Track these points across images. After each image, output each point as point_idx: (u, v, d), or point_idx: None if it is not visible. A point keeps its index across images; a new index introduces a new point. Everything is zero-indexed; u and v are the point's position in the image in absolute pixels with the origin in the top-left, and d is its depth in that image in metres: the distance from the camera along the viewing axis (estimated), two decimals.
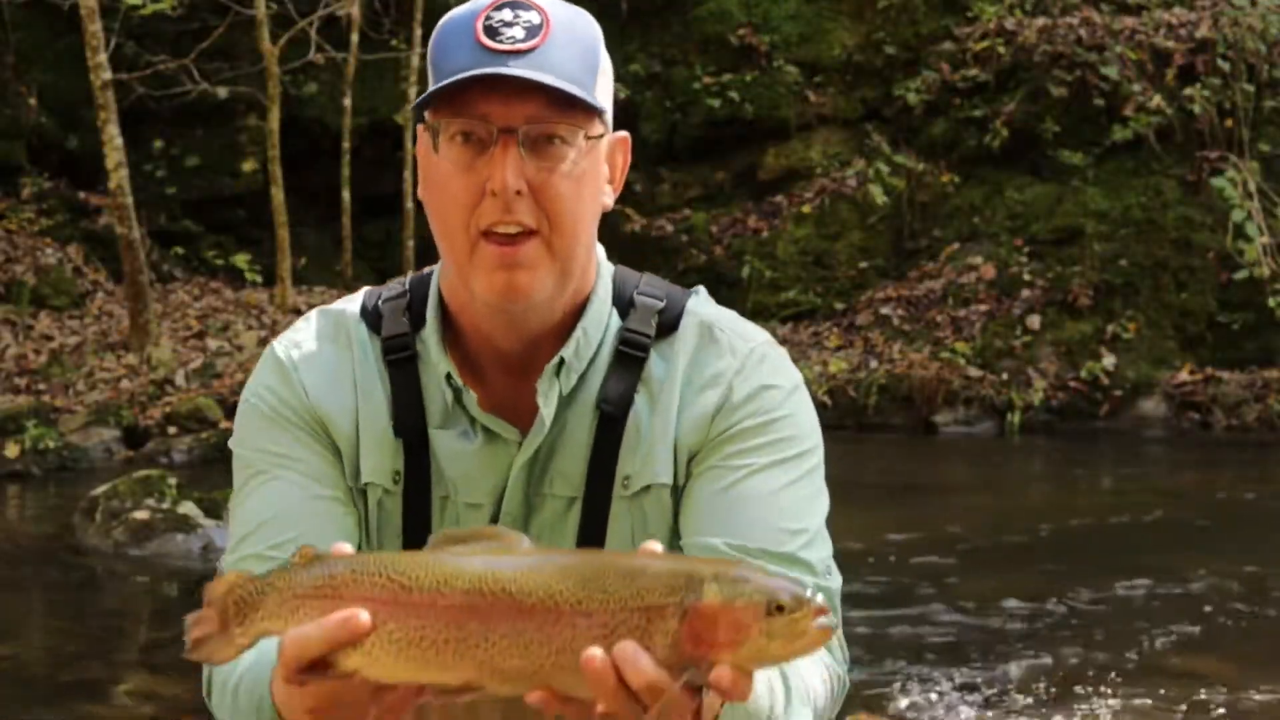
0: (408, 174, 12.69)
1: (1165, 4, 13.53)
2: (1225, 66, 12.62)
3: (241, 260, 13.32)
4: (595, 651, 1.34)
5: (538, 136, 1.68)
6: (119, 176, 11.07)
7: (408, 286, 1.88)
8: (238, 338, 11.74)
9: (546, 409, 1.76)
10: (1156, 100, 12.56)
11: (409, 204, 12.68)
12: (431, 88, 1.71)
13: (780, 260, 13.08)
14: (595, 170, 1.74)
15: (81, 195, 13.22)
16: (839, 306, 12.86)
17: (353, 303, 1.89)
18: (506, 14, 1.69)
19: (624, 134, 1.82)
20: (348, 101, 12.77)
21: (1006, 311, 12.24)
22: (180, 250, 13.42)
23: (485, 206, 1.68)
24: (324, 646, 1.37)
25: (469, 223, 1.69)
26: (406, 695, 1.43)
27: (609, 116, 1.76)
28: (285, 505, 1.79)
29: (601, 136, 1.75)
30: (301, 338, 1.87)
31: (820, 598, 1.37)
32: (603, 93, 1.75)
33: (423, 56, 12.83)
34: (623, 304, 1.83)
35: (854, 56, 13.97)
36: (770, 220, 13.48)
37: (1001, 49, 13.38)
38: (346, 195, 12.85)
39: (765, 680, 1.58)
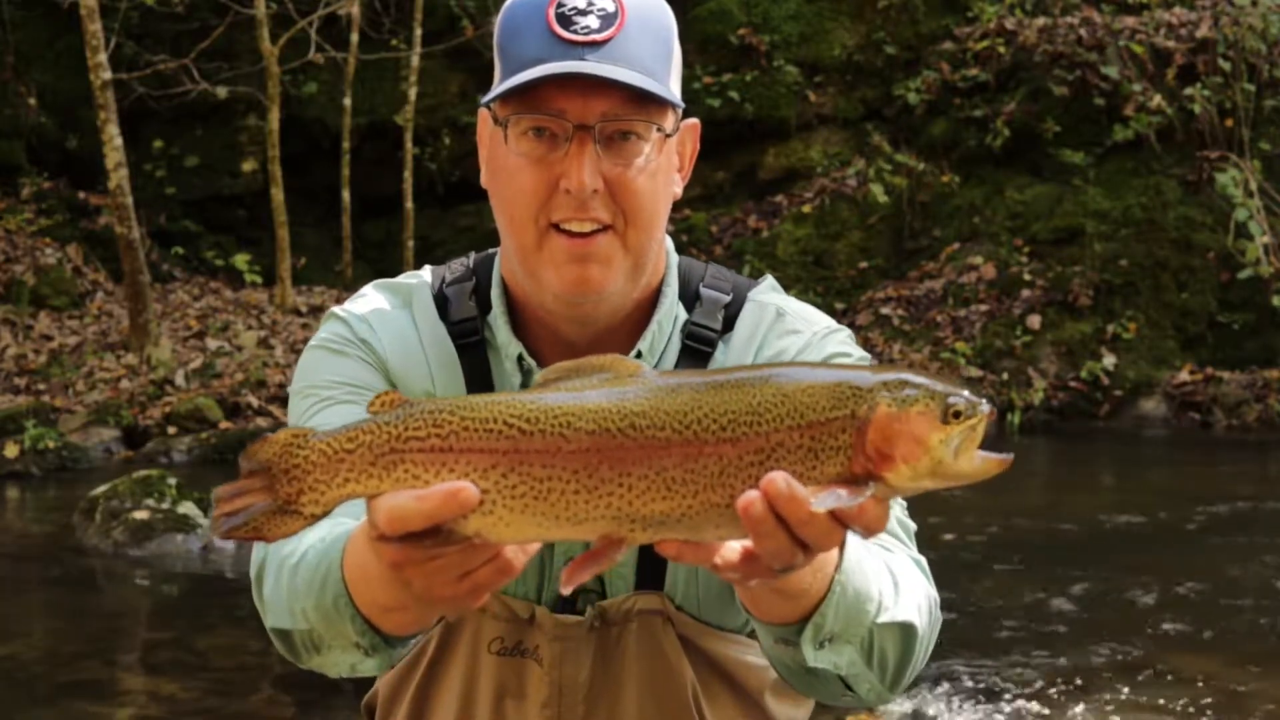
0: (407, 174, 12.69)
1: (1165, 4, 13.53)
2: (1226, 66, 12.62)
3: (241, 260, 13.31)
4: (752, 495, 1.21)
5: (613, 133, 1.64)
6: (119, 176, 11.06)
7: (473, 268, 1.82)
8: (237, 338, 11.73)
9: None
10: (1157, 100, 12.55)
11: (409, 204, 12.68)
12: (500, 77, 1.66)
13: (780, 260, 13.07)
14: (668, 162, 1.71)
15: (81, 195, 13.21)
16: (839, 306, 12.86)
17: (418, 278, 1.83)
18: (580, 0, 1.64)
19: (694, 121, 1.78)
20: (348, 101, 12.76)
21: (1006, 311, 12.24)
22: (180, 250, 13.42)
23: (558, 201, 1.64)
24: (425, 522, 1.21)
25: (538, 215, 1.65)
26: (520, 554, 1.28)
27: (680, 107, 1.72)
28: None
29: (676, 132, 1.71)
30: (367, 302, 1.81)
31: (987, 404, 1.28)
32: (676, 82, 1.70)
33: (423, 56, 12.81)
34: (688, 296, 1.80)
35: (854, 56, 13.97)
36: (770, 220, 13.47)
37: (1002, 49, 13.38)
38: (346, 195, 12.84)
39: (875, 569, 1.55)
